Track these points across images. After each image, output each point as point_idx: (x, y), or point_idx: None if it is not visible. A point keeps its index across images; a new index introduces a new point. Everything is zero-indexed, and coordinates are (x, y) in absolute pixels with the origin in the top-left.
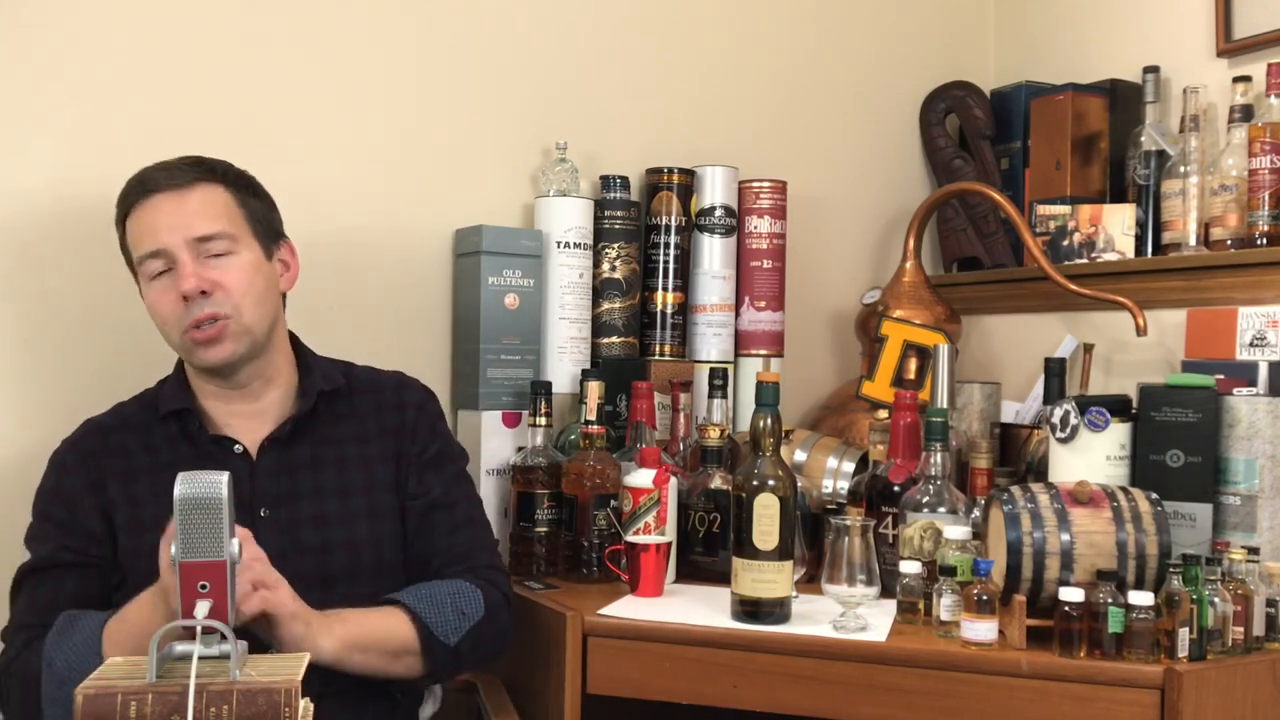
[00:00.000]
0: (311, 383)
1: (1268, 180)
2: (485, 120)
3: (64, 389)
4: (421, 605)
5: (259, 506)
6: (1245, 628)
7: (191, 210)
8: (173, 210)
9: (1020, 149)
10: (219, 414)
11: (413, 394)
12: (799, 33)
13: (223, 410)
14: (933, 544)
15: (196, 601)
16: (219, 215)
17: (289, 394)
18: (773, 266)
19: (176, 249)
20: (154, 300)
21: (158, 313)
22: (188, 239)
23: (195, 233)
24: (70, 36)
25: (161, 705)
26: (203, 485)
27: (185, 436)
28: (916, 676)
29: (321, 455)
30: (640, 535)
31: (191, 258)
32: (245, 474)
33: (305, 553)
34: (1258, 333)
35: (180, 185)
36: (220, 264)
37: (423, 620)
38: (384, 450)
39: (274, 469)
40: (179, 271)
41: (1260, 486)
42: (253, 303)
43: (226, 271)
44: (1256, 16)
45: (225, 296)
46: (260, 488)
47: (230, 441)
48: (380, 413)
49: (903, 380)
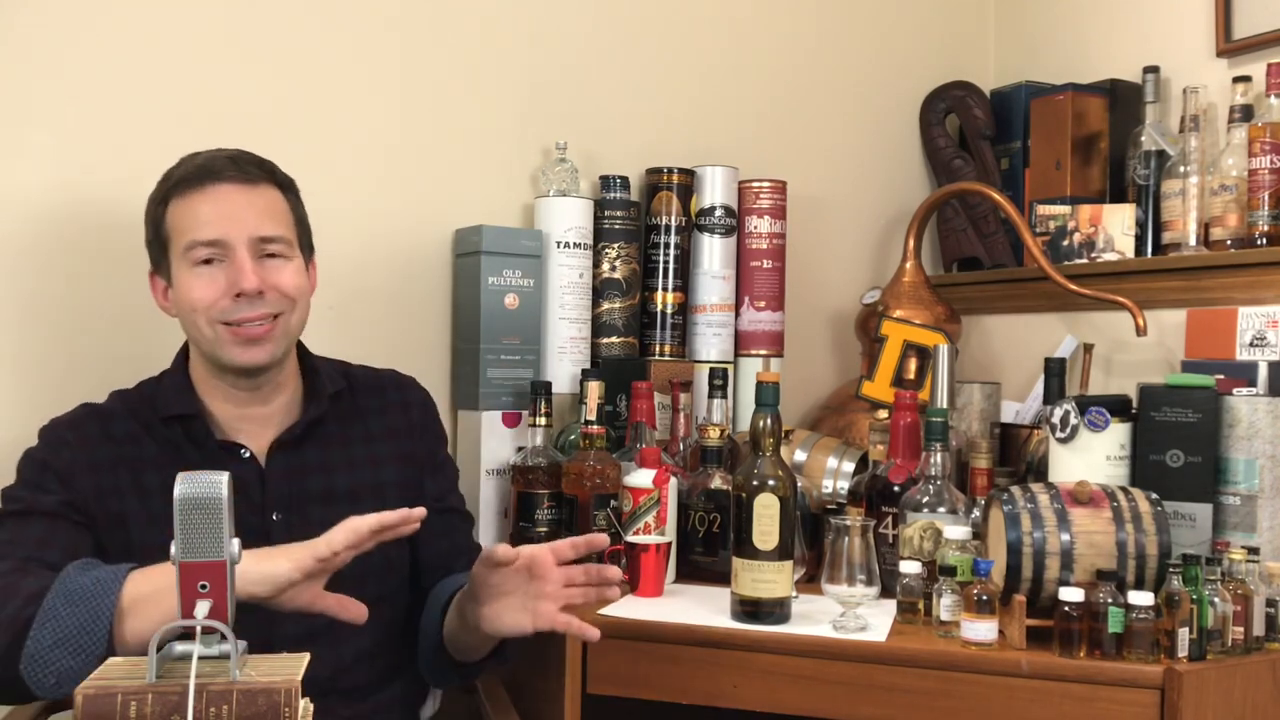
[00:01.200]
0: (320, 385)
1: (1268, 180)
2: (485, 120)
3: (64, 383)
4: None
5: (272, 511)
6: (1245, 628)
7: (260, 208)
8: (242, 204)
9: (1020, 149)
10: (226, 417)
11: (413, 393)
12: (799, 33)
13: (231, 414)
14: (933, 544)
15: (196, 601)
16: (281, 218)
17: (295, 397)
18: (773, 266)
19: (237, 243)
20: (194, 286)
21: (193, 300)
22: (252, 236)
23: (261, 232)
24: (71, 37)
25: (161, 705)
26: (203, 485)
27: (190, 440)
28: (916, 676)
29: (330, 458)
30: (640, 535)
31: (252, 255)
32: (255, 479)
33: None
34: (1258, 333)
35: (249, 181)
36: (276, 265)
37: None
38: (390, 451)
39: (284, 473)
40: (236, 267)
41: (1260, 486)
42: (300, 308)
43: (282, 274)
44: (1256, 16)
45: (278, 297)
46: (272, 492)
47: (237, 447)
48: (384, 413)
49: (903, 380)
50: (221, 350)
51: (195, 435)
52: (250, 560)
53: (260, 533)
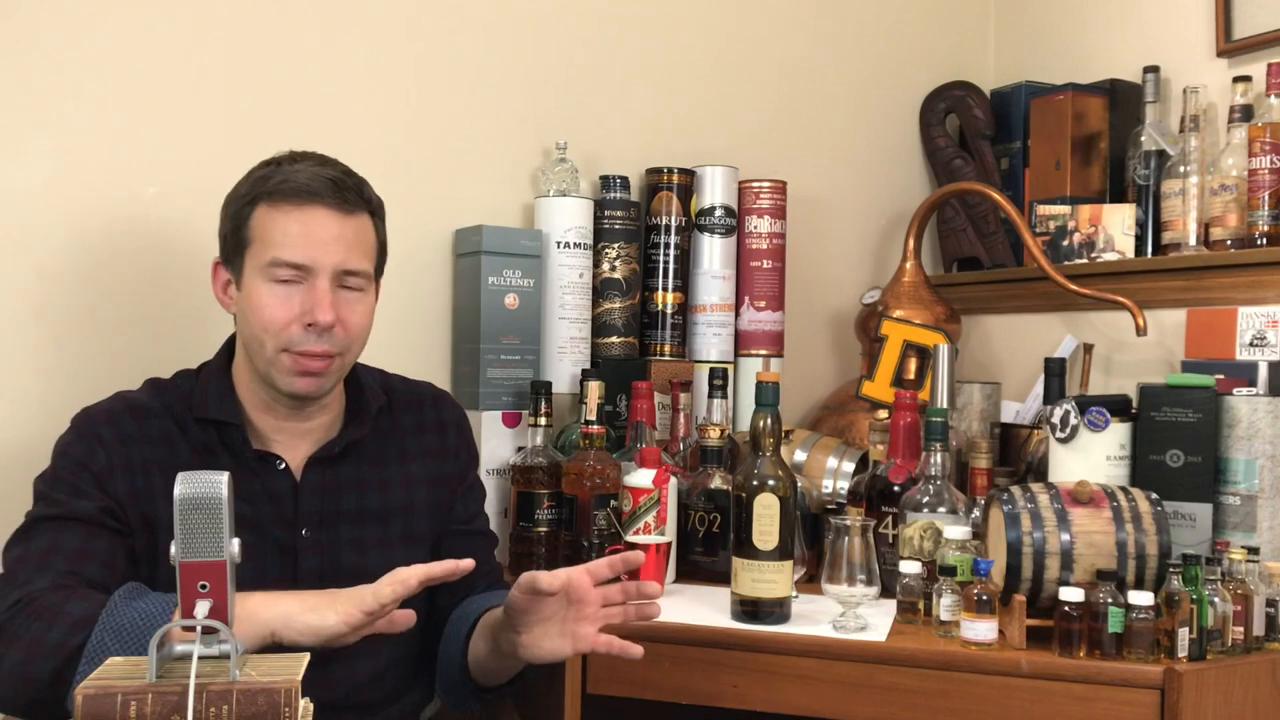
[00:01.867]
0: (364, 404)
1: (1268, 180)
2: (485, 120)
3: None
4: None
5: (302, 526)
6: (1245, 628)
7: (350, 241)
8: (335, 234)
9: (1020, 149)
10: (264, 427)
11: (449, 412)
12: (799, 33)
13: (269, 424)
14: (933, 544)
15: (196, 601)
16: (368, 252)
17: (337, 413)
18: (773, 266)
19: (321, 272)
20: (268, 305)
21: (265, 319)
22: (338, 269)
23: (347, 265)
24: (72, 36)
25: (161, 705)
26: (202, 485)
27: (225, 446)
28: (916, 676)
29: (366, 476)
30: (640, 535)
31: (332, 287)
32: (289, 492)
33: (343, 575)
34: (1258, 333)
35: (348, 210)
36: (350, 300)
37: None
38: (422, 472)
39: (319, 488)
40: (316, 298)
41: (1260, 486)
42: (360, 345)
43: (353, 311)
44: (1256, 16)
45: (343, 334)
46: (304, 506)
47: (274, 458)
48: (421, 433)
49: (903, 380)
50: (277, 374)
51: (231, 442)
52: (296, 608)
53: (288, 548)
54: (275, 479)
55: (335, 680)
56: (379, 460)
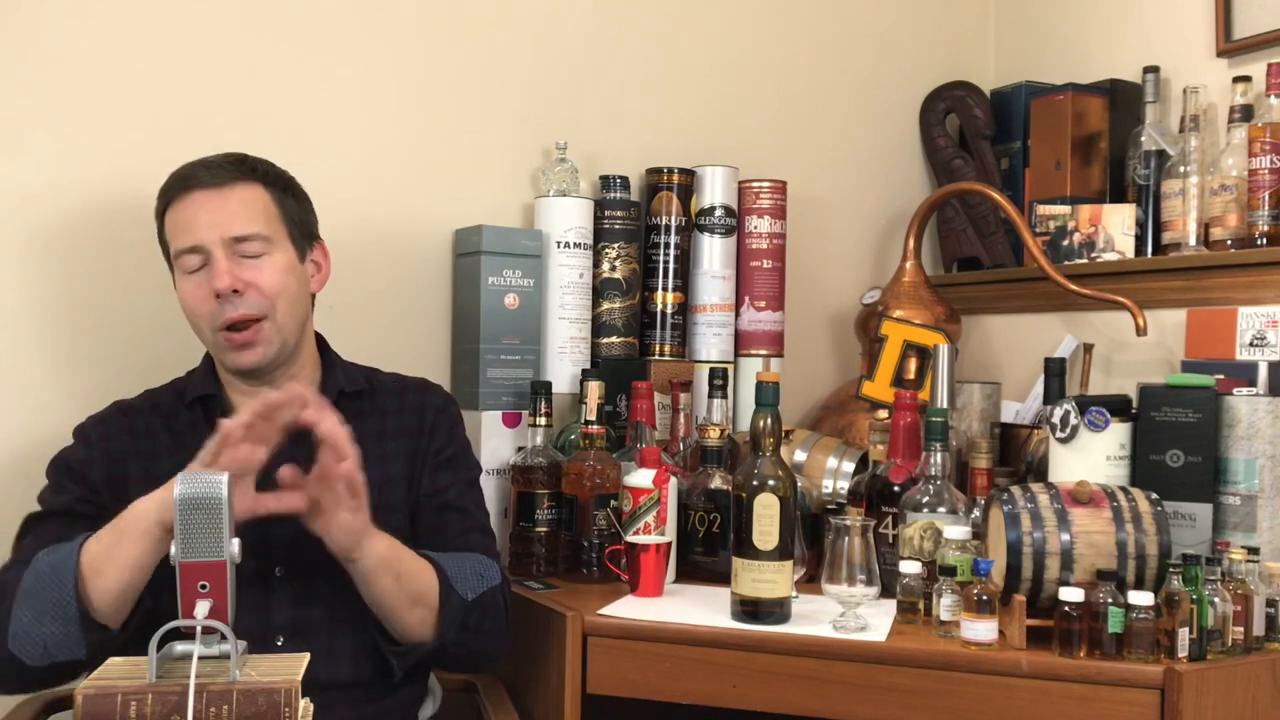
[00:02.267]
0: (333, 381)
1: (1268, 180)
2: (485, 120)
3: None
4: (444, 560)
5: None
6: (1245, 628)
7: (230, 209)
8: (213, 208)
9: (1020, 149)
10: (242, 405)
11: (435, 397)
12: (799, 33)
13: (246, 402)
14: (933, 544)
15: (196, 601)
16: (256, 216)
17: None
18: (773, 266)
19: (212, 246)
20: (187, 294)
21: (190, 307)
22: (224, 237)
23: (231, 231)
24: (73, 36)
25: (161, 705)
26: (203, 485)
27: (209, 422)
28: (916, 676)
29: None
30: (640, 535)
31: (226, 256)
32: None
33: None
34: (1258, 333)
35: (221, 183)
36: (254, 264)
37: (445, 571)
38: (400, 448)
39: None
40: (213, 269)
41: (1260, 486)
42: (286, 304)
43: (260, 272)
44: (1256, 16)
45: (258, 297)
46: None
47: None
48: (401, 413)
49: (903, 380)
50: (221, 354)
51: (212, 417)
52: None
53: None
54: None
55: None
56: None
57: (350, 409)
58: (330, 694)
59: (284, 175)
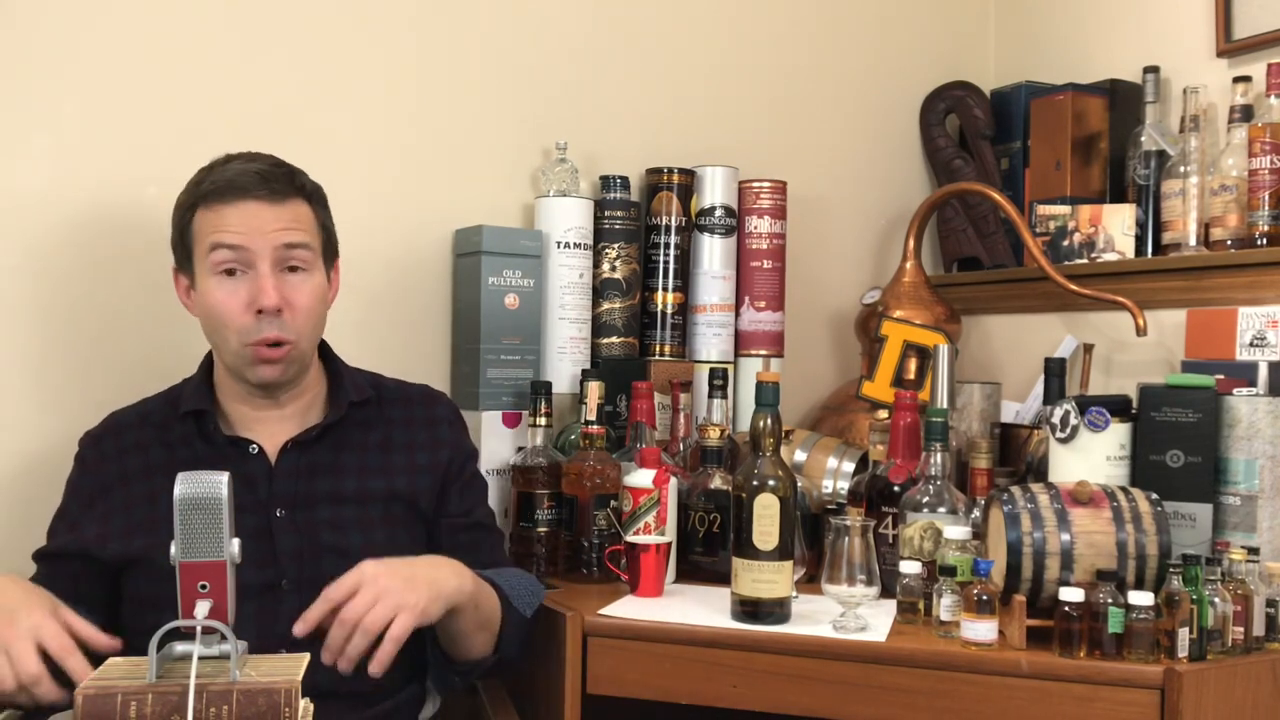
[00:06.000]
0: (343, 393)
1: (1268, 180)
2: (485, 120)
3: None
4: (499, 578)
5: (275, 507)
6: (1245, 628)
7: (286, 221)
8: (268, 219)
9: (1020, 149)
10: (240, 416)
11: (442, 408)
12: (799, 33)
13: (245, 413)
14: (933, 544)
15: (196, 601)
16: (306, 232)
17: (316, 401)
18: (773, 266)
19: (260, 255)
20: (219, 300)
21: (220, 315)
22: (275, 245)
23: (286, 240)
24: (73, 36)
25: (161, 705)
26: (203, 485)
27: (202, 436)
28: (916, 676)
29: (343, 462)
30: (640, 535)
31: (272, 269)
32: (263, 475)
33: (325, 553)
34: (1258, 333)
35: (278, 197)
36: (295, 281)
37: (503, 591)
38: (407, 462)
39: (293, 471)
40: (258, 282)
41: (1260, 486)
42: (312, 328)
43: (299, 291)
44: (1256, 16)
45: (292, 319)
46: (277, 489)
47: (246, 442)
48: (410, 425)
49: (903, 380)
50: (244, 366)
51: (206, 430)
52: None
53: (263, 530)
54: (249, 463)
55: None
56: (360, 447)
57: (356, 418)
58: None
59: (320, 190)
